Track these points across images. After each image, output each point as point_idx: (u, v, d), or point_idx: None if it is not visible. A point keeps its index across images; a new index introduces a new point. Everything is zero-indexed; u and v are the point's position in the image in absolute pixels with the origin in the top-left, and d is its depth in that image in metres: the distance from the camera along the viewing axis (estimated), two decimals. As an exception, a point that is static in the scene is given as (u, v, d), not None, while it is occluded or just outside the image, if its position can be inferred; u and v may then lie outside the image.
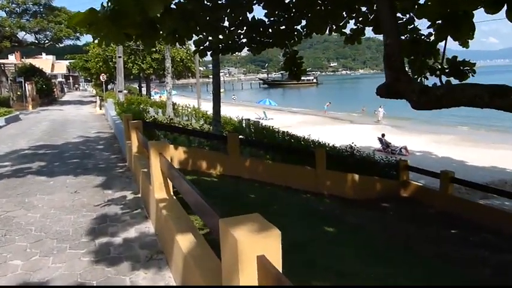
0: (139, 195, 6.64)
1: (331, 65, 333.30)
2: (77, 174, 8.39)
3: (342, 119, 43.00)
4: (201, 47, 8.99)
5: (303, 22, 9.23)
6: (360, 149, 16.81)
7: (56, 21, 32.92)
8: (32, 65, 36.40)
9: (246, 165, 10.70)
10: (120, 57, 22.44)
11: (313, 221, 7.10)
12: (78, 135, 14.58)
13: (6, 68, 38.80)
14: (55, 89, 47.01)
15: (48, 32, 34.46)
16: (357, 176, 11.64)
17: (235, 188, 9.29)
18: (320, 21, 8.96)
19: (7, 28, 30.78)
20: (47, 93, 37.84)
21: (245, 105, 55.30)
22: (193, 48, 40.10)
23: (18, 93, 31.56)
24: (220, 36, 9.10)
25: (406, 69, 5.45)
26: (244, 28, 9.16)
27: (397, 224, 8.77)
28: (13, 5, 31.55)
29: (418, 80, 7.50)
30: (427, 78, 7.52)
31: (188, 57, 38.65)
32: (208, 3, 8.01)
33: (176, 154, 10.03)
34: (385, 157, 14.41)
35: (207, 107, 34.68)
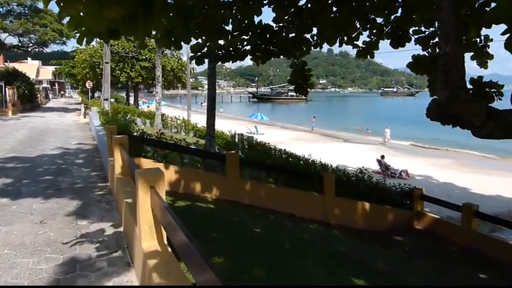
0: (121, 229, 5.29)
1: (321, 82, 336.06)
2: (48, 197, 6.98)
3: (335, 137, 42.03)
4: (199, 53, 7.70)
5: (314, 30, 8.14)
6: (357, 171, 15.71)
7: (41, 23, 31.52)
8: (14, 69, 34.73)
9: (246, 188, 9.39)
10: (107, 62, 21.07)
11: (334, 266, 5.82)
12: (56, 147, 13.13)
13: (-12, 72, 37.09)
14: (39, 95, 45.21)
15: (32, 35, 32.92)
16: (367, 205, 10.42)
17: (234, 216, 7.99)
18: (332, 30, 7.86)
19: (-12, 29, 29.28)
20: (29, 98, 36.15)
21: (235, 119, 54.09)
22: (184, 57, 39.08)
23: (-2, 98, 29.91)
24: (222, 42, 7.88)
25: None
26: (250, 34, 7.90)
27: (426, 265, 7.52)
28: (-4, 6, 30.07)
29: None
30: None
31: (179, 67, 37.38)
32: (212, 0, 6.82)
33: (167, 174, 8.66)
34: (384, 179, 13.24)
35: (197, 119, 33.48)
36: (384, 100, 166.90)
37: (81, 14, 4.09)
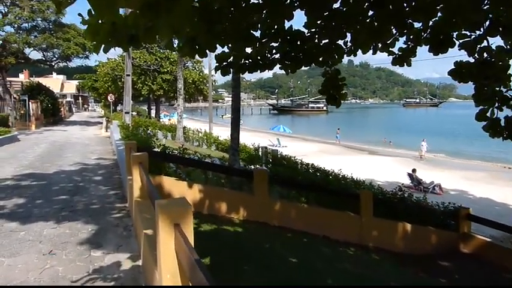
0: (140, 262, 4.57)
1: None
2: (61, 220, 6.34)
3: (359, 149, 40.87)
4: (225, 63, 6.96)
5: (347, 36, 7.37)
6: (385, 185, 14.76)
7: (64, 37, 31.50)
8: (38, 83, 34.90)
9: (275, 209, 8.61)
10: (128, 75, 20.71)
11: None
12: (75, 162, 12.61)
13: (13, 86, 37.42)
14: (62, 109, 45.52)
15: (56, 50, 33.00)
16: (408, 226, 9.50)
17: (264, 241, 7.21)
18: (367, 36, 7.07)
19: (13, 44, 29.33)
20: (52, 112, 36.24)
21: (257, 131, 53.37)
22: (206, 70, 38.79)
23: (22, 112, 29.98)
24: (249, 50, 7.13)
25: None
26: (279, 40, 7.13)
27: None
28: (21, 21, 30.15)
29: (489, 113, 5.65)
30: (501, 110, 5.65)
31: (201, 79, 37.05)
32: (241, 2, 6.12)
33: (190, 193, 7.99)
34: (411, 194, 12.20)
35: (218, 131, 32.92)
36: (406, 111, 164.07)
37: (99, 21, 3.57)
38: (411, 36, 7.56)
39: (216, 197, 8.27)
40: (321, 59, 7.71)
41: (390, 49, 7.59)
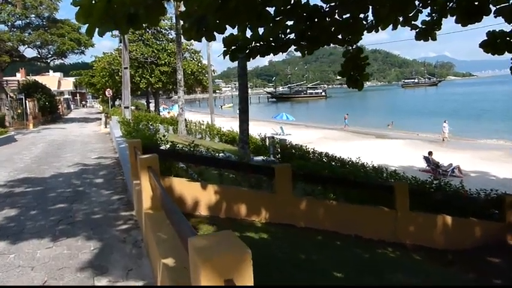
0: (157, 293, 3.62)
1: (338, 78, 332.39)
2: (57, 237, 5.37)
3: (365, 134, 39.84)
4: (233, 47, 5.95)
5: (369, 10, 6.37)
6: (400, 170, 13.79)
7: (58, 33, 30.36)
8: (35, 81, 33.85)
9: (300, 208, 7.65)
10: (126, 68, 19.61)
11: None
12: (74, 163, 11.65)
13: (9, 85, 36.33)
14: (60, 106, 44.47)
15: (51, 46, 31.87)
16: (449, 219, 8.52)
17: (295, 247, 6.27)
18: (390, 9, 6.06)
19: (7, 42, 28.21)
20: (50, 110, 35.25)
21: (258, 120, 52.12)
22: (204, 60, 37.57)
23: (19, 111, 28.98)
24: (260, 31, 6.12)
25: None
26: (294, 18, 6.11)
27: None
28: (14, 18, 29.01)
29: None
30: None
31: (199, 70, 35.90)
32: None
33: (204, 196, 7.03)
34: (432, 178, 11.23)
35: (220, 123, 31.90)
36: (405, 92, 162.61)
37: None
38: (435, 8, 6.68)
39: (233, 198, 7.30)
40: (339, 36, 6.72)
41: (413, 22, 6.71)
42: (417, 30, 6.34)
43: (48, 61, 33.95)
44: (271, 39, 6.17)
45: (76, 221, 6.07)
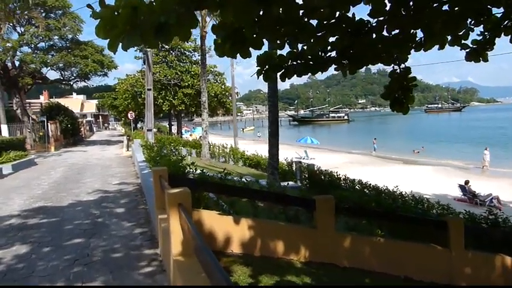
0: None
1: (360, 101, 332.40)
2: (71, 282, 4.63)
3: (391, 159, 38.61)
4: (267, 66, 5.23)
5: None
6: (433, 198, 12.74)
7: (81, 55, 30.45)
8: (57, 104, 33.99)
9: (344, 245, 6.75)
10: (149, 89, 19.21)
11: None
12: (94, 189, 11.01)
13: (32, 108, 36.63)
14: (82, 129, 44.66)
15: (74, 68, 31.99)
16: (509, 260, 7.49)
17: None
18: (443, 26, 5.28)
19: (30, 64, 28.36)
20: (72, 133, 35.25)
21: (281, 143, 51.41)
22: (228, 83, 37.27)
23: (41, 133, 28.93)
24: (300, 47, 5.39)
25: None
26: (337, 34, 5.35)
27: None
28: (37, 40, 29.21)
29: None
30: None
31: (223, 92, 35.54)
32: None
33: (237, 231, 6.21)
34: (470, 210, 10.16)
35: (242, 146, 31.25)
36: (428, 117, 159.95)
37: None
38: (488, 26, 5.83)
39: (269, 234, 6.46)
40: (383, 55, 5.90)
41: (463, 42, 5.85)
42: (467, 50, 5.58)
43: (71, 83, 34.05)
44: (309, 57, 5.47)
45: (93, 261, 5.31)
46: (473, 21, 5.45)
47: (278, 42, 4.79)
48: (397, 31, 5.47)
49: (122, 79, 37.04)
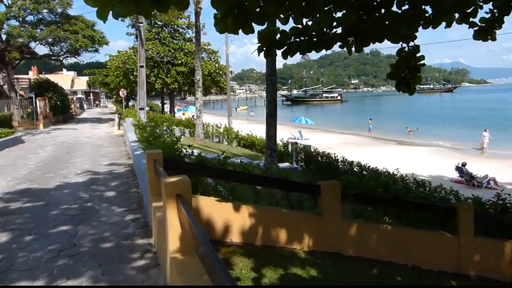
0: None
1: (352, 82, 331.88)
2: (55, 278, 4.16)
3: (386, 140, 38.35)
4: (269, 42, 4.75)
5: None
6: (430, 179, 12.44)
7: (71, 30, 29.38)
8: (46, 80, 32.98)
9: (349, 233, 6.35)
10: (142, 66, 18.47)
11: None
12: (83, 170, 10.49)
13: (20, 84, 35.54)
14: (72, 106, 43.70)
15: (63, 43, 30.93)
16: (520, 247, 7.17)
17: (343, 282, 5.00)
18: (455, 2, 4.82)
19: (18, 38, 27.29)
20: (62, 110, 34.38)
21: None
22: (221, 61, 36.37)
23: (29, 110, 28.13)
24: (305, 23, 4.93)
25: None
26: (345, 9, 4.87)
27: None
28: (25, 13, 28.06)
29: None
30: None
31: (217, 71, 34.74)
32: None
33: (238, 219, 5.76)
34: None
35: (236, 126, 30.68)
36: (420, 98, 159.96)
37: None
38: (497, 3, 5.41)
39: (271, 222, 6.03)
40: (391, 32, 5.42)
41: (471, 20, 5.44)
42: (476, 28, 5.12)
43: (61, 59, 33.00)
44: (313, 33, 4.96)
45: (81, 252, 4.85)
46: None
47: (282, 16, 4.36)
48: (406, 7, 4.99)
49: (114, 56, 36.00)
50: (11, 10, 26.87)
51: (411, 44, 5.35)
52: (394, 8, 4.81)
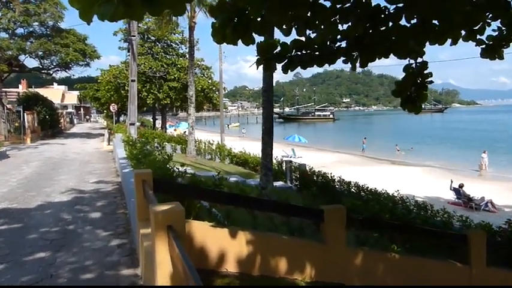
0: None
1: (344, 100, 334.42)
2: (25, 316, 3.60)
3: (379, 159, 38.04)
4: (269, 56, 4.44)
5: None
6: (426, 201, 12.03)
7: (62, 43, 28.94)
8: (35, 93, 32.34)
9: (355, 262, 5.85)
10: (133, 80, 18.00)
11: None
12: (68, 188, 9.91)
13: (7, 97, 34.84)
14: (62, 120, 42.96)
15: (54, 57, 30.43)
16: (536, 278, 6.71)
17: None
18: (464, 18, 4.52)
19: (7, 51, 26.76)
20: (51, 124, 33.65)
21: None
22: (215, 77, 36.10)
23: (16, 124, 27.41)
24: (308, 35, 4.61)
25: None
26: (350, 21, 4.56)
27: None
28: (15, 26, 27.60)
29: None
30: None
31: (210, 87, 34.39)
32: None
33: (233, 246, 5.27)
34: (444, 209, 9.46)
35: (228, 143, 30.18)
36: (412, 117, 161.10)
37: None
38: (505, 21, 5.09)
39: (270, 249, 5.52)
40: (398, 46, 5.10)
41: (478, 37, 5.08)
42: (483, 46, 4.79)
43: (51, 72, 32.49)
44: (315, 46, 4.57)
45: (58, 285, 4.28)
46: (490, 15, 4.69)
47: (284, 27, 4.01)
48: (414, 20, 4.67)
49: (105, 70, 35.55)
50: (1, 22, 26.42)
51: (419, 60, 4.98)
52: (402, 22, 4.45)
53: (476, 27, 4.79)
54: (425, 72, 4.99)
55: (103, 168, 13.84)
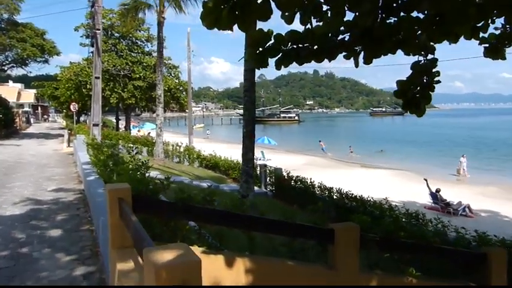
0: None
1: (308, 103, 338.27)
2: None
3: (349, 162, 37.87)
4: (262, 48, 3.59)
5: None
6: (402, 206, 11.53)
7: (18, 37, 26.97)
8: (-13, 92, 30.18)
9: (368, 290, 5.02)
10: (97, 77, 16.58)
11: None
12: (23, 198, 8.63)
13: (-43, 95, 32.31)
14: (18, 120, 40.40)
15: (8, 52, 28.34)
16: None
17: None
18: (475, 12, 3.91)
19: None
20: (5, 124, 31.43)
21: (232, 143, 48.78)
22: (182, 76, 34.83)
23: (-35, 124, 25.32)
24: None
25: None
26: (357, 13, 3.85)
27: None
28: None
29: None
30: None
31: (177, 87, 33.11)
32: None
33: (229, 274, 4.31)
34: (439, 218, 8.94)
35: (196, 145, 29.10)
36: (374, 120, 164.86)
37: None
38: (509, 19, 4.49)
39: (271, 277, 4.61)
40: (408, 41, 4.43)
41: (482, 35, 4.47)
42: (486, 45, 4.19)
43: (6, 69, 30.31)
44: (314, 39, 3.83)
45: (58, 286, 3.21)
46: (495, 11, 4.09)
47: (287, 14, 3.28)
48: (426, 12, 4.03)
49: (65, 67, 33.53)
50: None
51: (430, 56, 4.31)
52: (414, 14, 3.77)
53: (479, 24, 4.19)
54: (434, 70, 4.31)
55: (63, 173, 12.51)
